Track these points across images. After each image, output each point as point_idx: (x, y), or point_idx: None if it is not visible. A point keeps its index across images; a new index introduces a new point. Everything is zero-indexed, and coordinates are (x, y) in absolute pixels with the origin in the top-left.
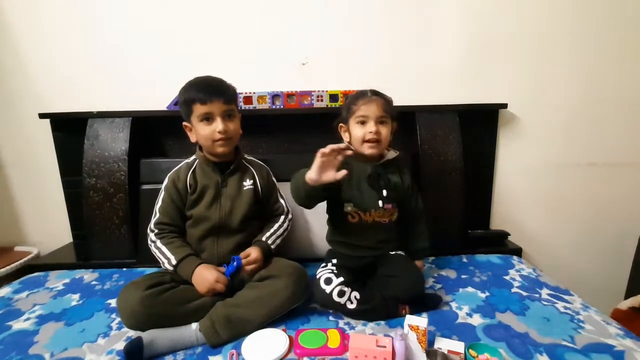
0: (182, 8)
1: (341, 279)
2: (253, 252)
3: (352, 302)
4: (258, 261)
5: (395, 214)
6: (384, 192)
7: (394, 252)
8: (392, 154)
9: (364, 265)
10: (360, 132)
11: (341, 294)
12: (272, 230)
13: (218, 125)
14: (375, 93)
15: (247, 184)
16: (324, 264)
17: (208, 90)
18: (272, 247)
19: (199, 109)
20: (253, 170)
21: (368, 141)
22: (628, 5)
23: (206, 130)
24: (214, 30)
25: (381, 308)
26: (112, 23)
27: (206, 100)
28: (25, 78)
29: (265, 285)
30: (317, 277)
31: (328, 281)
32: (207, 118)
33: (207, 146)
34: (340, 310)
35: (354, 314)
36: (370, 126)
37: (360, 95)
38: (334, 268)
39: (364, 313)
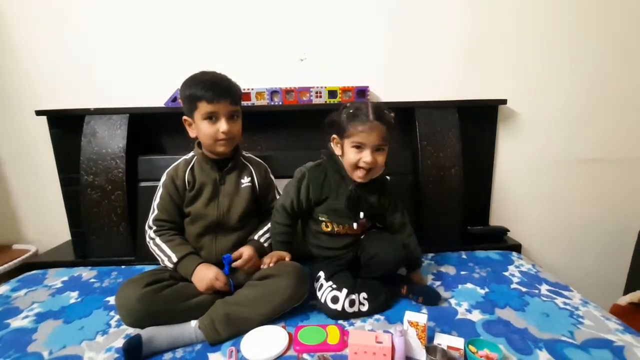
0: (180, 4)
1: (344, 290)
2: (245, 252)
3: (364, 305)
4: (252, 259)
5: (368, 225)
6: (361, 215)
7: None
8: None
9: (350, 259)
10: (354, 157)
11: (351, 303)
12: (265, 229)
13: (222, 125)
14: (378, 116)
15: (245, 181)
16: (316, 281)
17: (216, 89)
18: (265, 245)
19: (204, 107)
20: (251, 168)
21: (360, 168)
22: (628, 2)
23: (210, 129)
24: (212, 26)
25: (388, 294)
26: (109, 19)
27: (214, 100)
28: (21, 75)
29: (266, 284)
30: (322, 299)
31: (335, 300)
32: (212, 117)
33: (208, 144)
34: (357, 317)
35: (370, 313)
36: (366, 155)
37: (361, 117)
38: (330, 283)
39: (378, 308)
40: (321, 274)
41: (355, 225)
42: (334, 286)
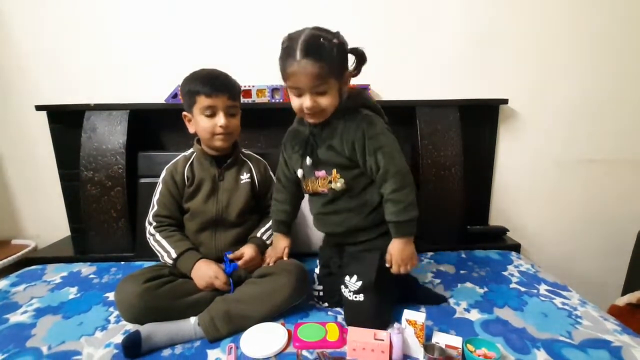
0: (181, 0)
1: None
2: (247, 251)
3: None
4: (254, 259)
5: (337, 182)
6: (307, 160)
7: (352, 248)
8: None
9: (335, 245)
10: (297, 104)
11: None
12: (267, 226)
13: (220, 119)
14: (306, 53)
15: (244, 177)
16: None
17: (215, 84)
18: (267, 242)
19: (203, 102)
20: (250, 164)
21: (305, 114)
22: (628, 2)
23: (208, 123)
24: (214, 22)
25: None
26: (110, 15)
27: (212, 94)
28: (21, 69)
29: (266, 282)
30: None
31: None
32: (210, 112)
33: (206, 139)
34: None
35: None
36: (306, 100)
37: (290, 55)
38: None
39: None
40: (316, 271)
41: (300, 172)
42: (321, 294)
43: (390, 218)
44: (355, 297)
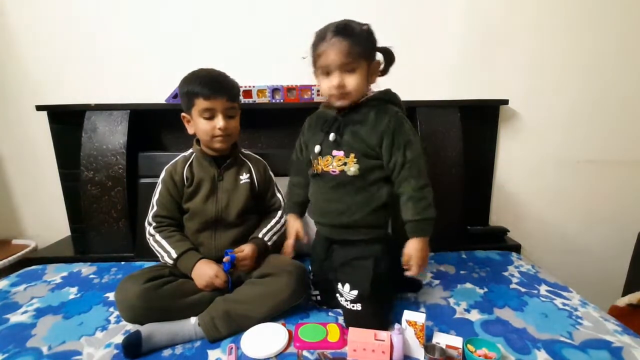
0: (182, 0)
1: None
2: (246, 249)
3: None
4: (249, 258)
5: (351, 166)
6: (331, 136)
7: (344, 251)
8: (370, 94)
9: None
10: (325, 85)
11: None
12: (268, 227)
13: (219, 122)
14: (337, 32)
15: (244, 177)
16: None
17: (213, 85)
18: (269, 243)
19: (201, 104)
20: (250, 164)
21: (333, 95)
22: (631, 4)
23: (206, 125)
24: (214, 22)
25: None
26: (111, 15)
27: (210, 96)
28: (22, 69)
29: (266, 282)
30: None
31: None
32: (209, 114)
33: (205, 141)
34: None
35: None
36: (334, 78)
37: (321, 38)
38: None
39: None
40: (310, 276)
41: (318, 148)
42: (318, 298)
43: (413, 216)
44: (353, 307)
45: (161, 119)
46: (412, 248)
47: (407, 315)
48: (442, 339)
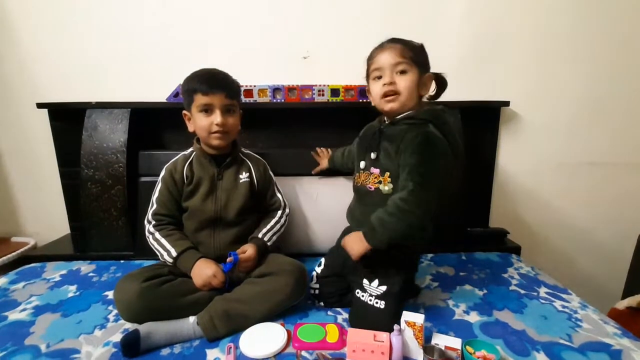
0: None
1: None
2: (248, 250)
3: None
4: (251, 260)
5: (385, 185)
6: (372, 155)
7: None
8: (412, 112)
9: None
10: (377, 87)
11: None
12: (268, 227)
13: (217, 117)
14: (393, 40)
15: (243, 176)
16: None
17: (211, 82)
18: (269, 243)
19: (199, 99)
20: (250, 164)
21: (385, 95)
22: (631, 5)
23: (204, 121)
24: (215, 22)
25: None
26: (112, 13)
27: (208, 92)
28: (22, 67)
29: (265, 281)
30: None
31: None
32: (207, 109)
33: (203, 137)
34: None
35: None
36: (386, 77)
37: (376, 47)
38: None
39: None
40: (317, 269)
41: (362, 164)
42: (317, 292)
43: (373, 219)
44: (377, 303)
45: (162, 117)
46: (352, 233)
47: (406, 316)
48: (441, 340)
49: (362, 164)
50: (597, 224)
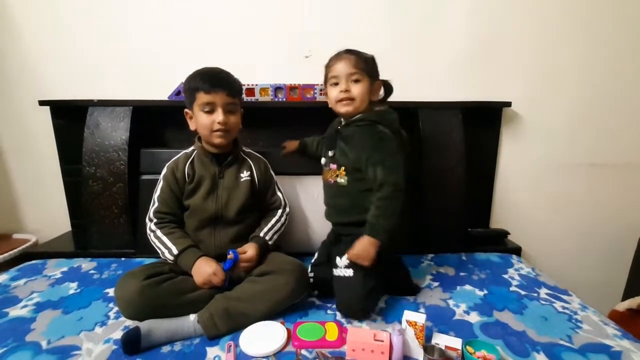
0: None
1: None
2: (249, 250)
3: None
4: (253, 260)
5: (341, 178)
6: (330, 153)
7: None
8: (363, 114)
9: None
10: (333, 93)
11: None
12: (269, 225)
13: (219, 116)
14: (347, 51)
15: (244, 175)
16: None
17: (213, 80)
18: (270, 242)
19: (201, 98)
20: (251, 162)
21: (340, 100)
22: (634, 6)
23: (206, 119)
24: (217, 21)
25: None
26: (114, 11)
27: (210, 90)
28: (24, 65)
29: (266, 280)
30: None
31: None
32: (209, 108)
33: (205, 135)
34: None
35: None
36: (341, 85)
37: (333, 57)
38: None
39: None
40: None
41: (322, 160)
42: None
43: (370, 219)
44: (346, 273)
45: (163, 115)
46: (359, 242)
47: (408, 315)
48: (441, 340)
49: (323, 161)
50: (598, 225)
